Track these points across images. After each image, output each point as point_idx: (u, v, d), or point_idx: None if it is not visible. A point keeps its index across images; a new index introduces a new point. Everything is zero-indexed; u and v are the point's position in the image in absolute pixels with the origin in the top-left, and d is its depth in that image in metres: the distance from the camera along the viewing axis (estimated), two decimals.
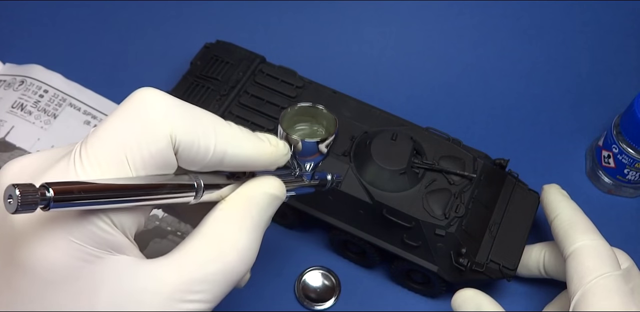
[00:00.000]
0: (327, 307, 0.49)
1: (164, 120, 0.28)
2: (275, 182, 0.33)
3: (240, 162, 0.31)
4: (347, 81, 0.56)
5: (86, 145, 0.27)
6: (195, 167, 0.30)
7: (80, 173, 0.26)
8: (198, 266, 0.29)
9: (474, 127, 0.57)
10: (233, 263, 0.30)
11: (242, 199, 0.31)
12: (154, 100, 0.28)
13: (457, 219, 0.44)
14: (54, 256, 0.26)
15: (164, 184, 0.28)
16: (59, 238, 0.26)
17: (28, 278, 0.26)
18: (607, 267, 0.40)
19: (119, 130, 0.27)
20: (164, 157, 0.28)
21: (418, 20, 0.61)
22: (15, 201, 0.22)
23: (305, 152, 0.35)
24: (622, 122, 0.50)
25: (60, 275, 0.26)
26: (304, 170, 0.37)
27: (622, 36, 0.61)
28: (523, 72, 0.60)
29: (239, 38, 0.54)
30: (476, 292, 0.44)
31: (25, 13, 0.61)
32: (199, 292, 0.28)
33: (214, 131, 0.29)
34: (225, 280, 0.29)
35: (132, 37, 0.60)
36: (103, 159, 0.27)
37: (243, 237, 0.30)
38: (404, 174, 0.44)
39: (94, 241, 0.26)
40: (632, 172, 0.51)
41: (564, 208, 0.45)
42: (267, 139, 0.32)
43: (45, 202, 0.23)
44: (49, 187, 0.23)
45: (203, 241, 0.30)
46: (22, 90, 0.53)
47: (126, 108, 0.28)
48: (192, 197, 0.29)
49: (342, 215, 0.46)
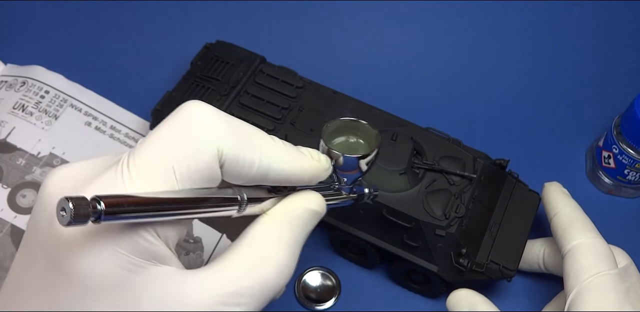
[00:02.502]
0: (327, 307, 0.49)
1: (211, 134, 0.28)
2: (317, 198, 0.33)
3: (283, 177, 0.31)
4: (347, 81, 0.56)
5: (134, 156, 0.27)
6: (239, 181, 0.30)
7: (128, 185, 0.27)
8: (237, 280, 0.29)
9: (474, 127, 0.57)
10: (271, 278, 0.30)
11: (283, 214, 0.32)
12: (202, 113, 0.28)
13: (457, 220, 0.44)
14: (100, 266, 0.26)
15: (209, 198, 0.28)
16: (105, 248, 0.26)
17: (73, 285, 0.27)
18: (604, 266, 0.40)
19: (167, 143, 0.28)
20: (210, 170, 0.28)
21: (418, 20, 0.61)
22: (68, 213, 0.22)
23: (346, 166, 0.34)
24: (622, 122, 0.50)
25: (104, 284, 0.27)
26: (342, 184, 0.36)
27: (622, 36, 0.61)
28: (523, 72, 0.60)
29: (239, 38, 0.54)
30: (470, 292, 0.44)
31: (26, 14, 0.61)
32: (237, 305, 0.29)
33: (259, 146, 0.30)
34: (263, 294, 0.30)
35: (132, 37, 0.60)
36: (150, 171, 0.27)
37: (282, 253, 0.30)
38: (404, 174, 0.44)
39: (139, 251, 0.27)
40: (632, 172, 0.51)
41: (564, 206, 0.45)
42: (309, 154, 0.32)
43: (96, 215, 0.23)
44: (101, 201, 0.23)
45: (243, 255, 0.30)
46: (23, 91, 0.53)
47: (174, 121, 0.28)
48: (235, 210, 0.30)
49: (342, 215, 0.46)
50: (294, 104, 0.49)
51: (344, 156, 0.34)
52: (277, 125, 0.48)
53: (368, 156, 0.34)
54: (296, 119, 0.49)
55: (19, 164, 0.51)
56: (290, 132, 0.48)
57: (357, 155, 0.34)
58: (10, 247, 0.48)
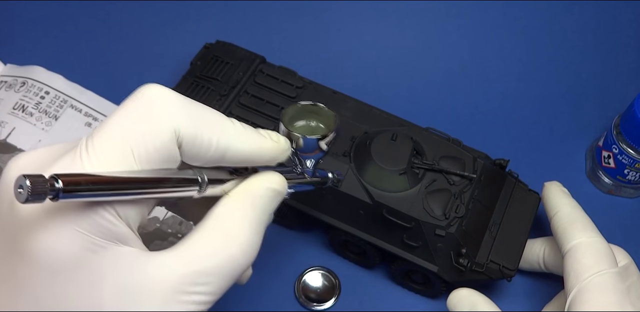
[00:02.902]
0: (327, 307, 0.49)
1: (168, 114, 0.28)
2: (277, 177, 0.33)
3: (242, 158, 0.31)
4: (347, 81, 0.56)
5: (92, 138, 0.28)
6: (198, 162, 0.30)
7: (86, 165, 0.27)
8: (202, 259, 0.29)
9: (474, 127, 0.57)
10: (236, 256, 0.30)
11: (244, 194, 0.32)
12: (158, 95, 0.29)
13: (457, 220, 0.44)
14: (60, 246, 0.26)
15: (169, 178, 0.28)
16: (64, 228, 0.26)
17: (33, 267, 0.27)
18: (604, 265, 0.40)
19: (124, 125, 0.28)
20: (167, 150, 0.28)
21: (418, 20, 0.61)
22: (25, 190, 0.22)
23: (307, 148, 0.36)
24: (622, 122, 0.50)
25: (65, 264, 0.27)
26: (305, 167, 0.37)
27: (622, 36, 0.61)
28: (523, 72, 0.60)
29: (239, 38, 0.54)
30: (471, 291, 0.44)
31: (26, 14, 0.61)
32: (202, 284, 0.29)
33: (217, 126, 0.30)
34: (229, 273, 0.30)
35: (132, 37, 0.60)
36: (108, 152, 0.27)
37: (246, 231, 0.31)
38: (404, 174, 0.44)
39: (99, 231, 0.27)
40: (632, 172, 0.51)
41: (563, 205, 0.45)
42: (268, 135, 0.33)
43: (54, 192, 0.23)
44: (58, 178, 0.23)
45: (206, 234, 0.30)
46: (23, 91, 0.53)
47: (131, 103, 0.29)
48: (195, 191, 0.30)
49: (342, 215, 0.46)
50: None
51: (304, 138, 0.35)
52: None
53: (327, 137, 0.36)
54: None
55: None
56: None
57: (317, 136, 0.35)
58: None
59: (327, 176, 0.40)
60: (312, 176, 0.38)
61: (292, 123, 0.37)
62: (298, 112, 0.37)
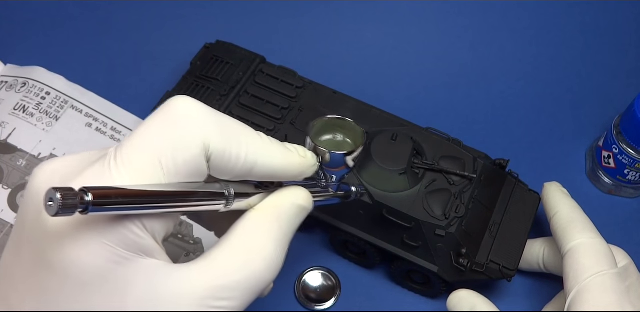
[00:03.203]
0: (327, 307, 0.49)
1: (198, 128, 0.28)
2: (304, 193, 0.33)
3: (269, 172, 0.31)
4: (347, 81, 0.56)
5: (121, 150, 0.27)
6: (225, 176, 0.30)
7: (115, 177, 0.27)
8: (225, 273, 0.29)
9: (474, 127, 0.57)
10: (260, 272, 0.30)
11: (270, 209, 0.32)
12: (189, 108, 0.29)
13: (457, 220, 0.44)
14: (87, 258, 0.26)
15: (196, 192, 0.28)
16: (92, 240, 0.26)
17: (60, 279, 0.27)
18: (604, 266, 0.40)
19: (154, 137, 0.28)
20: (196, 164, 0.28)
21: (418, 20, 0.61)
22: (56, 204, 0.22)
23: (332, 163, 0.35)
24: (622, 122, 0.50)
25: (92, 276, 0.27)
26: (329, 181, 0.37)
27: (622, 36, 0.61)
28: (523, 72, 0.60)
29: (239, 38, 0.54)
30: (471, 292, 0.44)
31: (26, 14, 0.61)
32: (225, 299, 0.29)
33: (246, 141, 0.30)
34: (252, 288, 0.30)
35: (132, 37, 0.60)
36: (137, 164, 0.27)
37: (270, 247, 0.30)
38: (404, 174, 0.44)
39: (126, 244, 0.27)
40: (632, 172, 0.51)
41: (563, 206, 0.45)
42: (295, 150, 0.33)
43: (84, 206, 0.23)
44: (88, 192, 0.23)
45: (231, 249, 0.30)
46: (24, 92, 0.54)
47: (161, 115, 0.29)
48: (222, 205, 0.30)
49: (342, 215, 0.46)
50: (294, 104, 0.49)
51: (331, 153, 0.34)
52: (277, 125, 0.48)
53: (354, 153, 0.35)
54: (296, 119, 0.49)
55: (19, 165, 0.51)
56: (290, 132, 0.48)
57: (343, 152, 0.34)
58: None
59: (351, 190, 0.40)
60: (337, 190, 0.38)
61: (318, 137, 0.36)
62: (325, 125, 0.36)
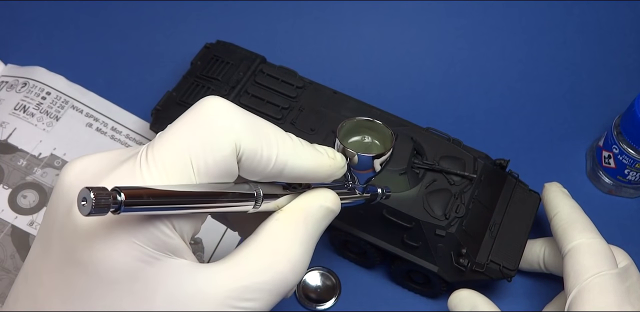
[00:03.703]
0: (327, 307, 0.49)
1: (230, 128, 0.28)
2: (331, 195, 0.33)
3: (299, 174, 0.31)
4: (347, 81, 0.56)
5: (153, 149, 0.28)
6: (255, 177, 0.30)
7: (146, 177, 0.27)
8: (252, 274, 0.29)
9: (474, 127, 0.57)
10: (285, 273, 0.30)
11: (298, 211, 0.32)
12: (221, 108, 0.29)
13: (457, 220, 0.44)
14: (116, 257, 0.26)
15: (227, 193, 0.28)
16: (123, 240, 0.26)
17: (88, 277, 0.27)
18: (604, 266, 0.40)
19: (185, 137, 0.28)
20: (227, 165, 0.28)
21: (418, 20, 0.61)
22: (89, 203, 0.22)
23: (360, 166, 0.34)
24: (623, 122, 0.50)
25: (121, 275, 0.27)
26: (356, 183, 0.36)
27: (622, 36, 0.61)
28: (523, 72, 0.60)
29: (239, 38, 0.54)
30: (471, 292, 0.44)
31: (26, 14, 0.61)
32: (250, 300, 0.29)
33: (276, 142, 0.30)
34: (277, 290, 0.30)
35: (133, 37, 0.60)
36: (169, 164, 0.27)
37: (296, 249, 0.30)
38: (404, 174, 0.44)
39: (155, 243, 0.27)
40: (632, 172, 0.51)
41: (563, 206, 0.45)
42: (325, 152, 0.33)
43: (116, 206, 0.23)
44: (121, 192, 0.23)
45: (258, 250, 0.30)
46: (24, 92, 0.53)
47: (193, 115, 0.29)
48: (251, 206, 0.30)
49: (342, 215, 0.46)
50: (294, 104, 0.49)
51: (359, 155, 0.34)
52: (277, 125, 0.48)
53: (383, 156, 0.34)
54: (296, 119, 0.49)
55: (20, 164, 0.51)
56: (291, 132, 0.47)
57: (372, 154, 0.34)
58: (10, 248, 0.48)
59: (377, 192, 0.39)
60: (363, 192, 0.37)
61: (346, 138, 0.36)
62: (354, 127, 0.36)
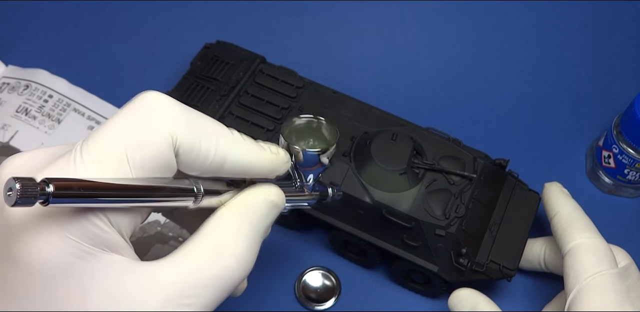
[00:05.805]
0: (327, 307, 0.49)
1: (166, 122, 0.28)
2: (274, 189, 0.33)
3: (240, 169, 0.31)
4: (347, 81, 0.56)
5: (87, 143, 0.27)
6: (195, 172, 0.30)
7: (79, 170, 0.26)
8: (194, 270, 0.28)
9: (474, 127, 0.57)
10: (230, 268, 0.29)
11: (241, 205, 0.31)
12: (157, 102, 0.29)
13: (457, 219, 0.44)
14: (49, 251, 0.26)
15: (164, 187, 0.28)
16: (54, 233, 0.26)
17: (22, 272, 0.26)
18: (604, 265, 0.40)
19: (121, 130, 0.27)
20: (164, 158, 0.28)
21: (418, 20, 0.61)
22: (14, 193, 0.22)
23: (307, 163, 0.34)
24: (622, 122, 0.50)
25: (54, 271, 0.26)
26: (304, 181, 0.36)
27: (622, 36, 0.61)
28: (523, 72, 0.60)
29: (239, 38, 0.54)
30: (472, 291, 0.44)
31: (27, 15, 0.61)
32: (193, 296, 0.28)
33: (215, 136, 0.29)
34: (221, 285, 0.29)
35: (133, 38, 0.60)
36: (103, 158, 0.27)
37: (241, 243, 0.30)
38: (404, 174, 0.44)
39: (90, 238, 0.26)
40: (632, 172, 0.51)
41: (563, 206, 0.45)
42: (267, 147, 0.32)
43: (44, 197, 0.23)
44: (49, 183, 0.23)
45: (200, 245, 0.29)
46: (26, 94, 0.54)
47: (129, 109, 0.28)
48: (191, 201, 0.29)
49: (342, 215, 0.46)
50: (294, 104, 0.49)
51: (304, 152, 0.34)
52: (277, 125, 0.48)
53: (327, 151, 0.34)
54: None
55: None
56: None
57: (317, 149, 0.34)
58: None
59: (327, 191, 0.39)
60: (312, 191, 0.37)
61: (292, 136, 0.36)
62: (299, 125, 0.36)
